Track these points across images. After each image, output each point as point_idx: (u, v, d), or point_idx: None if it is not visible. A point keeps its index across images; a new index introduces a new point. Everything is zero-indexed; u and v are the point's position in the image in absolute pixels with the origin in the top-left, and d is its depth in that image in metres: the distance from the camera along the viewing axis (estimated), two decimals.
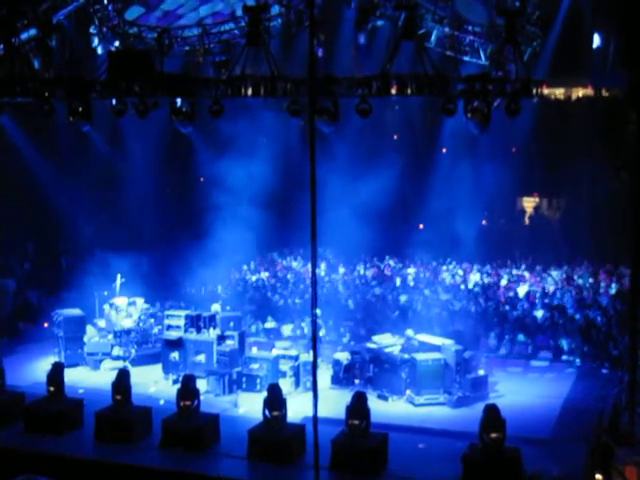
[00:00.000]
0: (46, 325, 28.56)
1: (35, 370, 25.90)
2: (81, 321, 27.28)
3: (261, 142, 32.75)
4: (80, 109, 23.38)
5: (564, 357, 27.12)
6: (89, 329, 27.54)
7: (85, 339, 26.99)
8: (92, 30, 25.34)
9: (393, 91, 21.21)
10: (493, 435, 17.78)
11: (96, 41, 25.43)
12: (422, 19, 21.39)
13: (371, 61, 26.95)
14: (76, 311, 27.54)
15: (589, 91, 39.50)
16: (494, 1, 22.02)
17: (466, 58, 21.99)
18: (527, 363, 27.08)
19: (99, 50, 25.98)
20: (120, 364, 25.55)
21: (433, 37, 21.52)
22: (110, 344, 26.77)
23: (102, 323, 27.82)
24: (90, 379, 25.46)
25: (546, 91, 23.65)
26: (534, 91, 21.24)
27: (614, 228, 27.82)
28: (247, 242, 30.70)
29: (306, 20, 23.74)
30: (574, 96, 39.92)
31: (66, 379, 22.17)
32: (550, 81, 29.16)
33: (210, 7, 26.26)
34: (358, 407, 19.06)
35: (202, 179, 35.78)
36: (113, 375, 21.73)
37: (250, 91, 21.98)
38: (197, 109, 23.33)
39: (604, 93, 38.00)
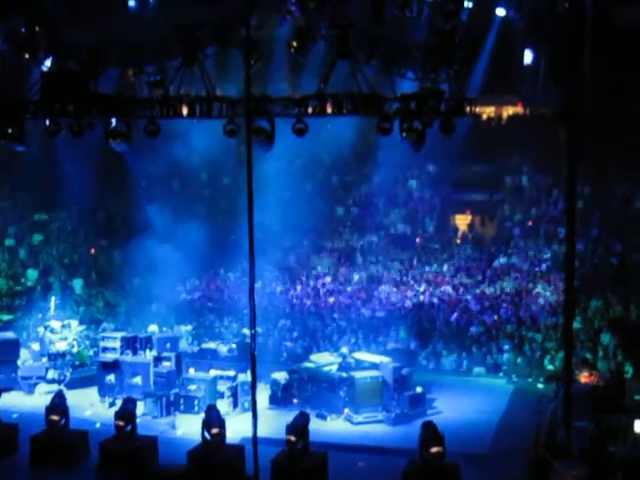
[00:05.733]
0: None
1: None
2: (14, 344, 26.83)
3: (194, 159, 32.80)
4: (10, 131, 23.02)
5: (499, 372, 27.42)
6: (23, 352, 27.14)
7: (19, 363, 26.57)
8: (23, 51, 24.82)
9: (329, 110, 21.33)
10: (433, 450, 17.82)
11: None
12: (357, 38, 21.38)
13: (304, 80, 27.03)
14: (9, 334, 27.11)
15: (519, 109, 40.16)
16: (427, 21, 22.18)
17: (400, 77, 22.07)
18: (463, 379, 27.30)
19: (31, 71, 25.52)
20: (55, 387, 25.15)
21: (367, 56, 21.53)
22: (44, 367, 26.35)
23: (36, 346, 27.41)
24: (24, 403, 25.02)
25: (477, 109, 23.86)
26: (467, 109, 21.46)
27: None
28: (184, 260, 30.44)
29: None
30: (504, 114, 40.57)
31: None
32: (482, 99, 29.54)
33: None
34: (298, 425, 19.01)
35: (144, 184, 35.56)
36: (48, 399, 21.43)
37: (186, 111, 21.95)
38: (133, 129, 23.11)
39: (533, 111, 38.69)
